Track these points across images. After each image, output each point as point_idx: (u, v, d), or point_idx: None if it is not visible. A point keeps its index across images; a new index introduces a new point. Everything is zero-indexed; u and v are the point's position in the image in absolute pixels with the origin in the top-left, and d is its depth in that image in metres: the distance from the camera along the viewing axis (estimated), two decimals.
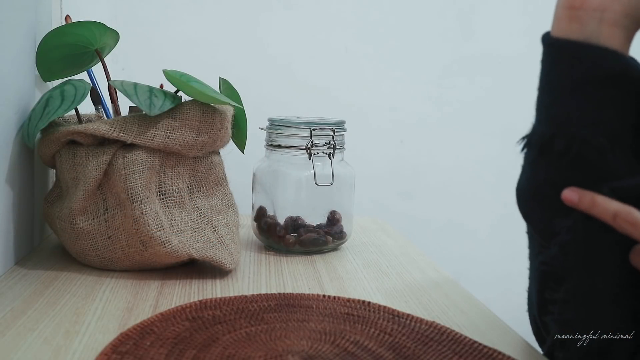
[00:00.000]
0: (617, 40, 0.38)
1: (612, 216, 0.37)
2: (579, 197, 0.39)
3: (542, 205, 0.42)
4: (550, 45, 0.41)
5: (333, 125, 0.69)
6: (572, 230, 0.39)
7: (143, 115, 0.56)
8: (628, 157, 0.38)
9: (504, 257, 1.12)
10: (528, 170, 0.43)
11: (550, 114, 0.40)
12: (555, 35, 0.41)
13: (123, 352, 0.39)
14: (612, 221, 0.37)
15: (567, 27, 0.39)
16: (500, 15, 1.09)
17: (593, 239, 0.39)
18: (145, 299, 0.51)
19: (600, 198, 0.38)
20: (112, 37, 0.63)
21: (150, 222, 0.55)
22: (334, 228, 0.71)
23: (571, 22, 0.39)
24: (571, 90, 0.39)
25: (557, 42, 0.40)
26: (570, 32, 0.39)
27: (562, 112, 0.40)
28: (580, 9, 0.39)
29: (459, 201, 1.12)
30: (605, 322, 0.38)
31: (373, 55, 1.06)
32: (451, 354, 0.42)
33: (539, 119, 0.42)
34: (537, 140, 0.41)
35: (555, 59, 0.40)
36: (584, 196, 0.38)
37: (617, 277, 0.38)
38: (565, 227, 0.40)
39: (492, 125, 1.11)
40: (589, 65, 0.38)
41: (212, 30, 1.00)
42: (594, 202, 0.38)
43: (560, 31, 0.40)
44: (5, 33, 0.54)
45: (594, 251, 0.39)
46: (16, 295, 0.50)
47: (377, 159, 1.08)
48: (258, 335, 0.43)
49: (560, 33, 0.40)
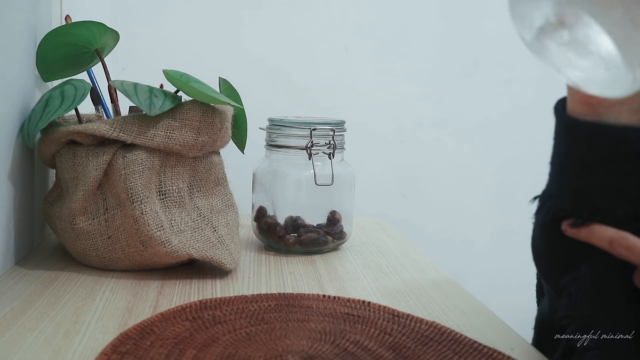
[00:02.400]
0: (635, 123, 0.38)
1: (609, 242, 0.38)
2: (577, 229, 0.39)
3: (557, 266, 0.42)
4: (569, 125, 0.40)
5: (333, 125, 0.69)
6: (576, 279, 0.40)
7: (143, 115, 0.56)
8: None
9: (503, 263, 1.12)
10: (542, 233, 0.43)
11: (572, 189, 0.40)
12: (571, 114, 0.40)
13: (123, 352, 0.39)
14: (609, 247, 0.38)
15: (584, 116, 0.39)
16: (502, 16, 1.08)
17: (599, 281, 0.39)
18: (145, 299, 0.51)
19: (597, 227, 0.38)
20: (112, 37, 0.63)
21: (150, 222, 0.55)
22: (334, 228, 0.71)
23: (588, 115, 0.39)
24: (594, 167, 0.39)
25: (576, 123, 0.39)
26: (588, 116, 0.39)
27: (583, 186, 0.39)
28: (598, 106, 0.38)
29: (459, 201, 1.12)
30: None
31: (373, 55, 1.06)
32: (451, 354, 0.42)
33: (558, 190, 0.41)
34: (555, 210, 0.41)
35: (576, 139, 0.40)
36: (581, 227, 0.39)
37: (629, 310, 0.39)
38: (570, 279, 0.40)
39: (492, 126, 1.11)
40: (613, 144, 0.38)
41: (212, 30, 1.00)
42: (591, 230, 0.38)
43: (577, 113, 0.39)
44: (5, 33, 0.54)
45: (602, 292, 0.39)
46: (16, 295, 0.50)
47: (377, 159, 1.08)
48: (258, 335, 0.43)
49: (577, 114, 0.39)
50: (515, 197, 1.11)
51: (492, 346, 0.44)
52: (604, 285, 0.39)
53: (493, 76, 1.09)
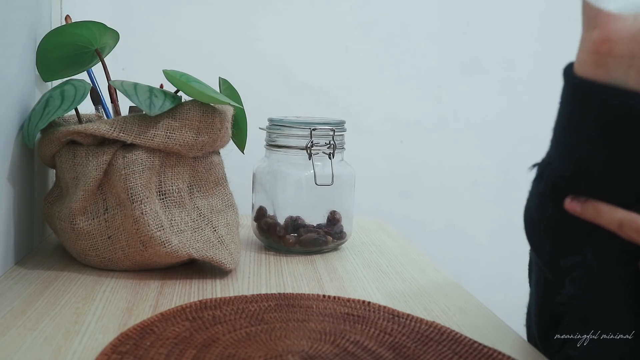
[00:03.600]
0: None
1: (618, 225, 0.36)
2: (582, 207, 0.38)
3: (552, 240, 0.41)
4: (575, 86, 0.38)
5: (333, 125, 0.69)
6: (581, 265, 0.38)
7: (143, 115, 0.56)
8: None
9: (503, 260, 1.12)
10: (537, 200, 0.42)
11: (573, 155, 0.39)
12: (579, 74, 0.38)
13: (123, 352, 0.39)
14: (618, 230, 0.36)
15: (592, 71, 0.37)
16: (502, 15, 1.09)
17: (605, 272, 0.38)
18: (145, 299, 0.51)
19: (605, 207, 0.37)
20: (112, 37, 0.63)
21: (150, 222, 0.55)
22: (334, 228, 0.71)
23: (597, 68, 0.37)
24: (597, 133, 0.37)
25: (583, 83, 0.37)
26: (595, 76, 0.37)
27: (585, 153, 0.38)
28: (607, 56, 0.36)
29: (458, 202, 1.12)
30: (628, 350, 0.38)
31: (373, 55, 1.06)
32: (451, 354, 0.42)
33: (559, 156, 0.40)
34: (554, 178, 0.40)
35: (581, 101, 0.38)
36: (587, 205, 0.37)
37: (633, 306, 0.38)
38: (574, 264, 0.39)
39: (492, 126, 1.11)
40: (619, 110, 0.36)
41: (212, 30, 1.00)
42: (599, 211, 0.37)
43: (585, 73, 0.37)
44: (5, 33, 0.54)
45: (608, 284, 0.38)
46: (16, 295, 0.50)
47: (377, 159, 1.08)
48: (258, 335, 0.43)
49: (585, 74, 0.37)
50: (516, 194, 1.11)
51: (492, 346, 0.44)
52: (609, 276, 0.38)
53: (492, 75, 1.09)
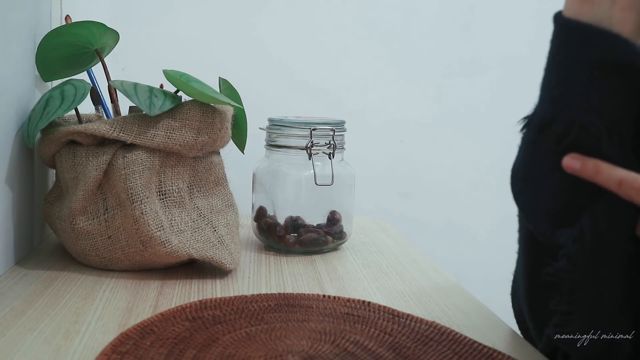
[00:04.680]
0: (628, 25, 0.37)
1: (618, 183, 0.36)
2: (581, 164, 0.37)
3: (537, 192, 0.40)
4: (561, 25, 0.39)
5: (333, 125, 0.69)
6: (578, 241, 0.38)
7: (143, 115, 0.56)
8: (625, 149, 0.37)
9: (504, 259, 1.12)
10: (524, 150, 0.42)
11: (554, 95, 0.39)
12: (566, 15, 0.39)
13: (123, 352, 0.39)
14: (617, 188, 0.36)
15: (578, 8, 0.38)
16: (502, 15, 1.09)
17: (601, 250, 0.38)
18: (145, 299, 0.51)
19: (605, 165, 0.36)
20: (112, 37, 0.63)
21: (150, 222, 0.55)
22: (334, 228, 0.71)
23: (583, 4, 0.38)
24: (577, 73, 0.38)
25: (568, 22, 0.38)
26: (581, 13, 0.38)
27: (565, 94, 0.38)
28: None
29: (458, 202, 1.12)
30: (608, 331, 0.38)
31: (373, 55, 1.06)
32: (451, 354, 0.42)
33: (542, 99, 0.40)
34: (538, 121, 0.40)
35: (565, 40, 0.39)
36: (587, 163, 0.37)
37: (622, 286, 0.38)
38: (571, 238, 0.39)
39: (492, 126, 1.11)
40: (598, 51, 0.37)
41: (212, 30, 1.00)
42: (598, 169, 0.37)
43: (571, 11, 0.38)
44: (5, 33, 0.54)
45: (601, 262, 0.38)
46: (16, 295, 0.50)
47: (377, 159, 1.08)
48: (258, 335, 0.43)
49: (571, 13, 0.38)
50: None
51: (492, 346, 0.44)
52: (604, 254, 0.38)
53: (492, 75, 1.09)
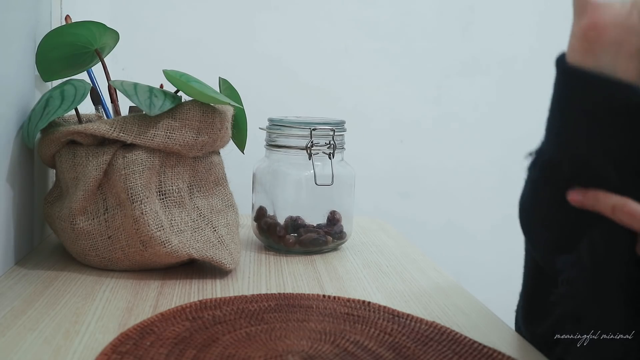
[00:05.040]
0: (632, 72, 0.37)
1: (611, 209, 0.37)
2: (583, 196, 0.39)
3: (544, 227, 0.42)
4: (564, 72, 0.39)
5: (333, 125, 0.69)
6: (576, 265, 0.39)
7: (143, 115, 0.56)
8: (636, 184, 0.38)
9: (504, 259, 1.12)
10: (531, 188, 0.43)
11: (560, 140, 0.40)
12: (569, 61, 0.39)
13: (123, 352, 0.39)
14: (612, 214, 0.37)
15: (581, 57, 0.38)
16: (502, 15, 1.09)
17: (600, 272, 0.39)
18: (145, 299, 0.51)
19: (602, 193, 0.38)
20: (112, 37, 0.63)
21: (150, 222, 0.55)
22: (334, 228, 0.71)
23: (585, 54, 0.38)
24: (583, 118, 0.38)
25: (572, 69, 0.39)
26: (584, 62, 0.38)
27: (572, 139, 0.39)
28: (595, 43, 0.37)
29: (458, 202, 1.12)
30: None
31: (373, 55, 1.06)
32: (451, 354, 0.42)
33: (549, 142, 0.41)
34: (545, 163, 0.41)
35: (569, 86, 0.39)
36: (587, 194, 0.39)
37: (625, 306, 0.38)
38: (569, 263, 0.40)
39: (492, 126, 1.11)
40: (604, 96, 0.37)
41: (212, 30, 1.00)
42: (596, 198, 0.38)
43: (575, 60, 0.39)
44: (5, 33, 0.54)
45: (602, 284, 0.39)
46: (16, 295, 0.50)
47: (377, 159, 1.08)
48: (258, 335, 0.43)
49: (575, 61, 0.39)
50: (515, 192, 1.11)
51: (492, 346, 0.44)
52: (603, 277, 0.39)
53: (492, 75, 1.09)
